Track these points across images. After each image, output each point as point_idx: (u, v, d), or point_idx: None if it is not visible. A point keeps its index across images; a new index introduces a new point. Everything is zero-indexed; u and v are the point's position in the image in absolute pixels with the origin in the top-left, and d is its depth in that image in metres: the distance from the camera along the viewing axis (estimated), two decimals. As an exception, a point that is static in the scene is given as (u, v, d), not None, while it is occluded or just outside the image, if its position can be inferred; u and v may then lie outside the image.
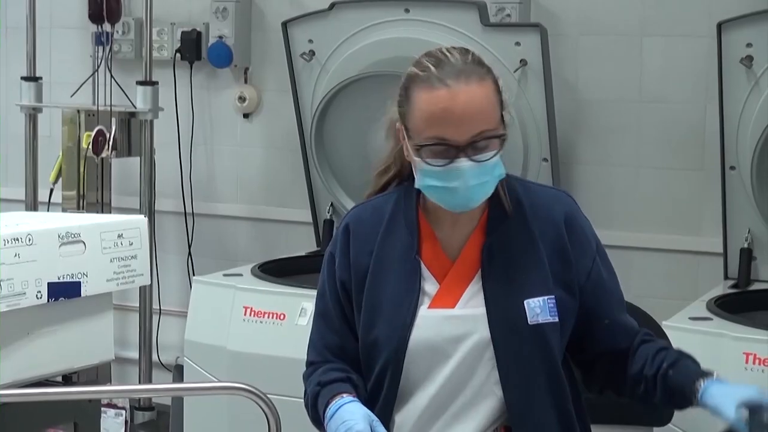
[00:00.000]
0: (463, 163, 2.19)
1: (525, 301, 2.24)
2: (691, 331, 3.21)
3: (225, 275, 3.97)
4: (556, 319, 2.25)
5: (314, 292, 3.64)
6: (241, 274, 3.97)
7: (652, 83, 4.23)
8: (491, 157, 2.20)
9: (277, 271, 4.06)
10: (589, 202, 4.32)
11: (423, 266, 2.31)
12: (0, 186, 5.47)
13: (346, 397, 2.26)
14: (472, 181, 2.21)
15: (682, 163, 4.20)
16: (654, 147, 4.24)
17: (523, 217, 2.29)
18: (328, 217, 4.47)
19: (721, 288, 3.80)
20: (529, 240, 2.27)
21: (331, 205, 4.46)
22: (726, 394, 2.13)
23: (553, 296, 2.25)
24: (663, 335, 2.80)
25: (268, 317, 3.71)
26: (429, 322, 2.28)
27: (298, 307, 3.67)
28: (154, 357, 4.94)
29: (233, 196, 5.05)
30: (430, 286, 2.31)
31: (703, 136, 4.13)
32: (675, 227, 4.24)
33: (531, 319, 2.23)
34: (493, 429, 2.27)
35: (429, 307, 2.29)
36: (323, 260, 2.44)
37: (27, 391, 2.65)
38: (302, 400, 2.41)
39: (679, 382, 2.22)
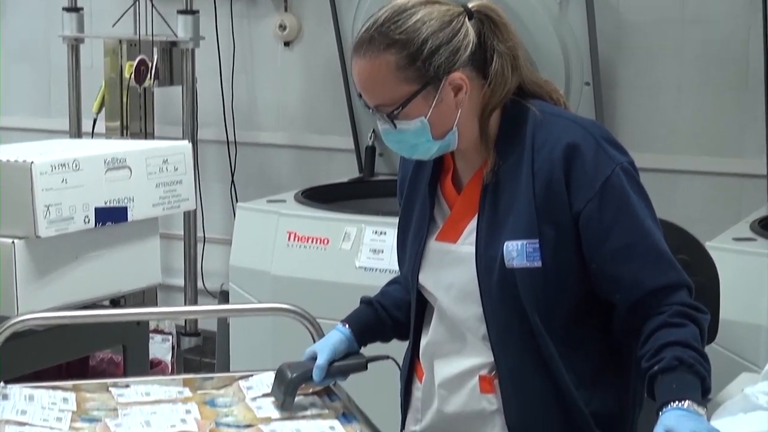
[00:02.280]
0: (381, 124, 2.18)
1: (505, 243, 2.15)
2: (735, 252, 3.20)
3: (269, 201, 3.99)
4: (538, 264, 2.13)
5: (357, 217, 3.75)
6: (284, 200, 3.99)
7: (694, 2, 4.18)
8: (405, 126, 2.14)
9: (321, 197, 4.08)
10: (631, 125, 4.31)
11: (440, 195, 2.30)
12: (44, 117, 5.52)
13: (338, 326, 2.37)
14: (391, 143, 2.20)
15: (726, 83, 4.16)
16: (697, 67, 4.21)
17: (526, 155, 2.17)
18: (370, 144, 4.48)
19: (765, 209, 3.77)
20: (526, 180, 2.16)
21: (373, 131, 4.46)
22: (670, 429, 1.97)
23: (536, 240, 2.13)
24: (707, 256, 2.79)
25: (312, 242, 3.73)
26: (434, 255, 2.28)
27: (342, 232, 3.69)
28: (200, 284, 4.99)
29: (275, 125, 5.06)
30: (443, 216, 2.29)
31: (747, 56, 4.09)
32: (718, 149, 4.21)
33: (507, 263, 2.15)
34: (479, 374, 2.23)
35: (436, 239, 2.28)
36: None
37: (75, 314, 2.71)
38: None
39: (657, 393, 2.05)
